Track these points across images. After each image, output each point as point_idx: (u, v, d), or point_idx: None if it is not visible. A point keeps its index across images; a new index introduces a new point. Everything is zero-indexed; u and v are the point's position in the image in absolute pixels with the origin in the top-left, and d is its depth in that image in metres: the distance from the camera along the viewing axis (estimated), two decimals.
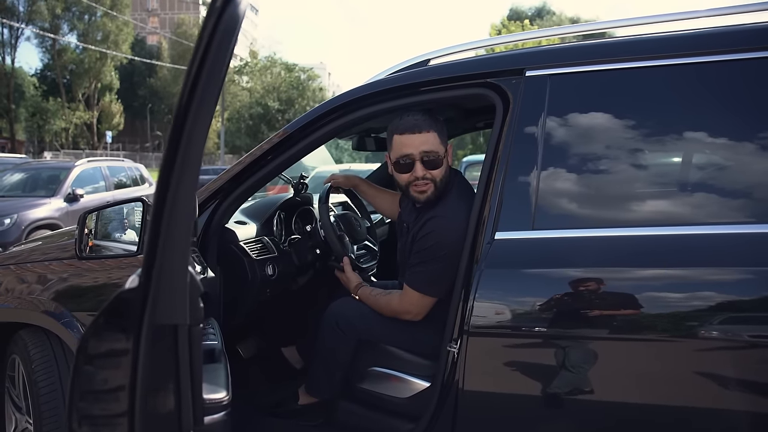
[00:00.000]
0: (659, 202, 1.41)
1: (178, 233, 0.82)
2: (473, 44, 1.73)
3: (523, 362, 1.43)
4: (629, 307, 1.32)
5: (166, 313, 0.84)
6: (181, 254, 0.84)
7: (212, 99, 0.78)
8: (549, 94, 1.46)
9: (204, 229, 1.80)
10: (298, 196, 2.31)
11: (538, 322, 1.39)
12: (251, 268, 1.91)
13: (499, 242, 1.42)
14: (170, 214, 0.81)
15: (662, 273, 1.33)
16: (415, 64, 1.72)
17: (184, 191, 0.82)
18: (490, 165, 1.53)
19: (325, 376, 1.89)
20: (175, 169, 0.79)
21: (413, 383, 1.75)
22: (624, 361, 1.33)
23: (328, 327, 1.86)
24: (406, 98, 1.69)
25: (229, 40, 0.79)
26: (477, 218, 1.52)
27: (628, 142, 1.42)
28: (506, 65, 1.56)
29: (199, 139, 0.79)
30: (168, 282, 0.82)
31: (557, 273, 1.38)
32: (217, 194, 1.84)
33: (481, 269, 1.41)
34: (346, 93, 1.75)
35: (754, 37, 1.38)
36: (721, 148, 1.38)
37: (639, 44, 1.47)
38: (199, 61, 0.78)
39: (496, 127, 1.54)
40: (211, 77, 0.77)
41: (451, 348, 1.47)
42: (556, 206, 1.44)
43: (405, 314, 1.75)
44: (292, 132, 1.76)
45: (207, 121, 0.80)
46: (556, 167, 1.45)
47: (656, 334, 1.31)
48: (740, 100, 1.37)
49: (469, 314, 1.41)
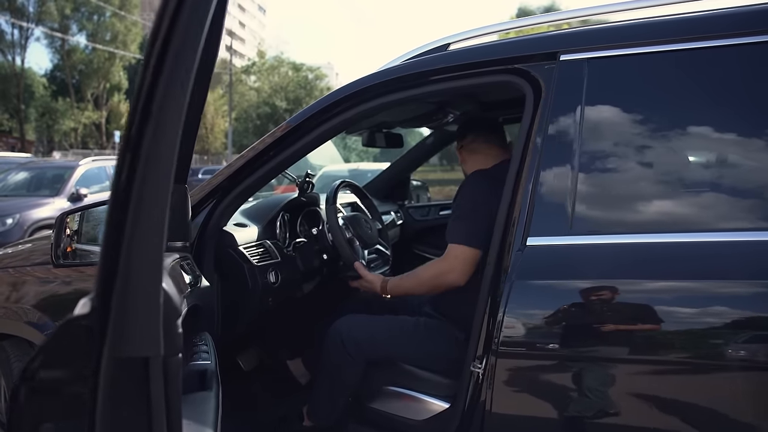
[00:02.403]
0: (724, 201, 1.21)
1: (147, 241, 0.65)
2: (499, 26, 1.55)
3: (562, 385, 1.24)
4: (692, 325, 1.13)
5: (134, 343, 0.67)
6: (150, 268, 0.66)
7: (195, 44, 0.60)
8: (587, 80, 1.28)
9: (200, 233, 1.64)
10: (304, 196, 2.13)
11: (579, 341, 1.21)
12: (252, 276, 1.74)
13: (532, 249, 1.24)
14: (135, 214, 0.64)
15: (736, 287, 1.13)
16: (433, 49, 1.54)
17: (155, 183, 0.64)
18: (520, 161, 1.35)
19: (329, 401, 1.72)
20: (141, 155, 0.62)
21: (430, 403, 1.59)
22: (694, 390, 1.14)
23: (333, 346, 1.69)
24: (423, 87, 1.51)
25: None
26: (504, 222, 1.35)
27: (682, 134, 1.23)
28: (537, 48, 1.37)
29: (175, 107, 0.62)
30: (134, 305, 0.65)
31: (599, 285, 1.20)
32: (214, 193, 1.67)
33: (512, 280, 1.23)
34: (355, 81, 1.57)
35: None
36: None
37: (695, 22, 1.27)
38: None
39: (526, 118, 1.36)
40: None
41: (476, 368, 1.29)
42: (598, 207, 1.26)
43: (449, 273, 1.60)
44: (297, 125, 1.59)
45: (186, 79, 0.62)
46: (596, 163, 1.27)
47: (730, 360, 1.10)
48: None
49: (498, 331, 1.23)
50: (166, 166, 0.65)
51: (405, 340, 1.67)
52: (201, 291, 1.45)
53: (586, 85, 1.28)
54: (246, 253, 1.76)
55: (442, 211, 3.23)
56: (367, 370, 1.68)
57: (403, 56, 1.59)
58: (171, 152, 0.65)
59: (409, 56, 1.57)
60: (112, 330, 0.64)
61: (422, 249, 3.07)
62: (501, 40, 1.49)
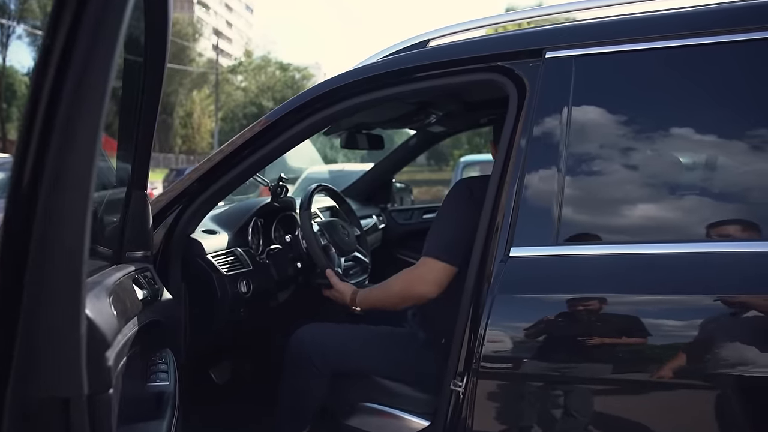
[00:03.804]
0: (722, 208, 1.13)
1: (59, 258, 0.55)
2: (481, 21, 1.46)
3: (548, 403, 1.15)
4: (685, 340, 1.05)
5: (46, 382, 0.57)
6: (66, 291, 0.56)
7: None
8: (575, 79, 1.20)
9: (164, 241, 1.54)
10: (278, 200, 2.03)
11: (567, 357, 1.12)
12: (221, 286, 1.64)
13: (515, 260, 1.15)
14: (45, 217, 0.54)
15: (733, 299, 1.04)
16: (412, 45, 1.45)
17: (73, 178, 0.54)
18: (503, 166, 1.26)
19: (293, 418, 1.62)
20: (51, 146, 0.52)
21: (409, 421, 1.50)
22: (686, 408, 1.06)
23: (294, 360, 1.60)
24: (401, 86, 1.42)
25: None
26: (486, 230, 1.26)
27: (676, 136, 1.15)
28: (522, 45, 1.29)
29: (103, 62, 0.51)
30: (45, 338, 0.55)
31: (587, 298, 1.12)
32: (180, 198, 1.57)
33: (494, 293, 1.14)
34: (330, 80, 1.48)
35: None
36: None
37: (688, 18, 1.19)
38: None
39: (510, 119, 1.28)
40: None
41: (456, 387, 1.21)
42: (586, 215, 1.18)
43: (420, 284, 1.45)
44: (268, 125, 1.50)
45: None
46: (584, 167, 1.19)
47: (725, 377, 1.03)
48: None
49: (480, 346, 1.14)
50: (88, 149, 0.54)
51: (382, 352, 1.58)
52: (162, 305, 1.35)
53: (574, 84, 1.20)
54: (215, 262, 1.66)
55: (425, 215, 3.14)
56: (336, 383, 1.59)
57: (380, 53, 1.50)
58: (93, 134, 0.54)
59: (386, 53, 1.48)
60: (17, 367, 0.54)
61: (405, 253, 2.98)
62: (483, 36, 1.40)
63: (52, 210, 0.53)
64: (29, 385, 0.56)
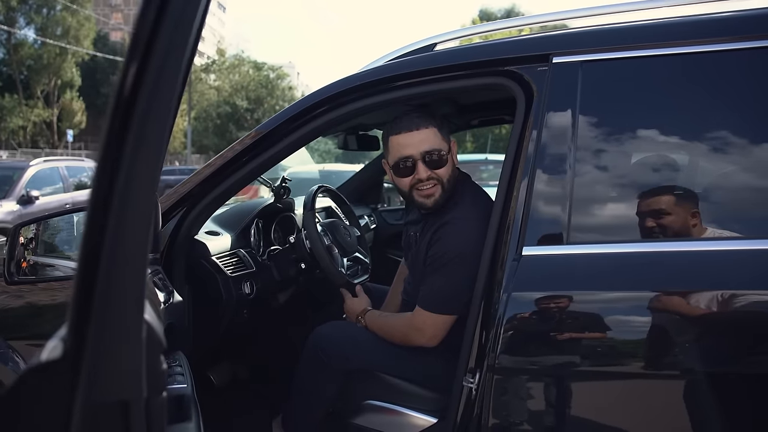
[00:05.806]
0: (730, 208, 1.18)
1: (129, 266, 0.56)
2: (491, 25, 1.49)
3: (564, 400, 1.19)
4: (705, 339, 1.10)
5: (111, 386, 0.57)
6: (133, 295, 0.57)
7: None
8: (582, 84, 1.24)
9: (169, 243, 1.53)
10: (280, 201, 2.03)
11: (582, 354, 1.16)
12: (226, 287, 1.64)
13: (528, 259, 1.18)
14: (116, 232, 0.54)
15: (744, 297, 1.08)
16: (419, 49, 1.48)
17: (141, 195, 0.55)
18: (512, 167, 1.30)
19: (304, 415, 1.63)
20: (123, 160, 0.52)
21: (416, 418, 1.52)
22: (704, 405, 1.09)
23: (311, 356, 1.60)
24: (408, 89, 1.44)
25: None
26: (497, 230, 1.29)
27: (682, 140, 1.20)
28: (529, 50, 1.32)
29: (165, 108, 0.52)
30: (113, 342, 0.56)
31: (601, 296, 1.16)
32: (184, 201, 1.57)
33: (509, 291, 1.17)
34: (335, 83, 1.49)
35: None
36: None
37: (696, 25, 1.23)
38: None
39: (518, 122, 1.31)
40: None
41: (468, 383, 1.23)
42: (594, 216, 1.22)
43: (418, 338, 1.49)
44: (272, 129, 1.50)
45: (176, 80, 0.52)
46: (590, 170, 1.22)
47: (743, 375, 1.07)
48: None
49: (495, 344, 1.17)
50: (154, 171, 0.56)
51: (388, 347, 1.59)
52: (174, 307, 1.34)
53: (581, 89, 1.23)
54: (219, 263, 1.66)
55: None
56: (346, 383, 1.61)
57: (386, 56, 1.51)
58: (158, 155, 0.56)
59: (393, 56, 1.50)
60: (87, 372, 0.55)
61: (396, 253, 3.00)
62: (491, 41, 1.43)
63: (124, 212, 0.54)
64: (94, 389, 0.57)
